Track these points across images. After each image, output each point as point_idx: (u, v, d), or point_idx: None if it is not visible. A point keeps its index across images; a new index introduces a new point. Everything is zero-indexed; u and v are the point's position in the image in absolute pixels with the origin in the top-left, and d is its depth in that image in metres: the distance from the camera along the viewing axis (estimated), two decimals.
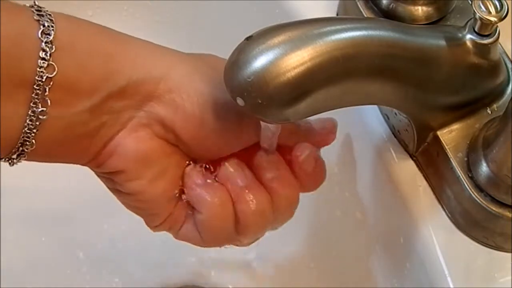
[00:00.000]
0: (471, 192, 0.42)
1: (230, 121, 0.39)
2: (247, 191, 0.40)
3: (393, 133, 0.47)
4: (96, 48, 0.36)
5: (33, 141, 0.36)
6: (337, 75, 0.36)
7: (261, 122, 0.39)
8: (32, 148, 0.36)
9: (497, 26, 0.40)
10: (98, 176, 0.40)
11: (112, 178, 0.39)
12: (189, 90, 0.38)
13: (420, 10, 0.45)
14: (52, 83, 0.35)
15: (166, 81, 0.37)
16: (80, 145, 0.37)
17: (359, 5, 0.47)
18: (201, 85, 0.38)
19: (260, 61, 0.34)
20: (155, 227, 0.42)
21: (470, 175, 0.42)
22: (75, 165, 0.40)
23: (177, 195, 0.40)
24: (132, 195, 0.39)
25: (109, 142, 0.38)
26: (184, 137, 0.38)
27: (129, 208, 0.41)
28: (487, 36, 0.40)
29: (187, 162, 0.40)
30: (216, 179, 0.40)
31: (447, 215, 0.44)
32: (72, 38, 0.36)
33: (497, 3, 0.39)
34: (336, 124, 0.43)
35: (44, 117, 0.35)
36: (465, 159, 0.43)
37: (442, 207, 0.45)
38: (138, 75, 0.37)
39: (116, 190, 0.40)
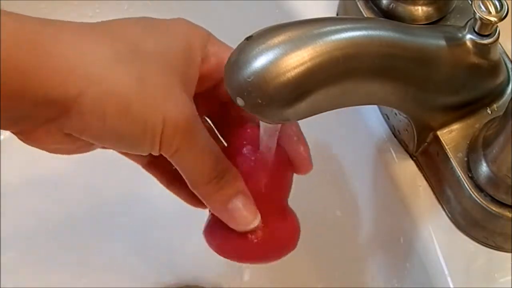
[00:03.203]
0: (471, 192, 0.42)
1: (135, 142, 0.38)
2: None
3: (393, 133, 0.47)
4: (13, 63, 0.34)
5: None
6: (337, 75, 0.36)
7: (261, 122, 0.40)
8: None
9: (497, 26, 0.40)
10: None
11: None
12: (100, 115, 0.36)
13: (420, 10, 0.45)
14: None
15: (79, 104, 0.36)
16: None
17: (359, 5, 0.47)
18: (115, 108, 0.36)
19: (260, 61, 0.34)
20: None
21: (470, 175, 0.42)
22: None
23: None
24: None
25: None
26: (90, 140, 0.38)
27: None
28: (487, 36, 0.40)
29: None
30: None
31: (447, 215, 0.45)
32: None
33: (497, 3, 0.39)
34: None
35: None
36: (465, 159, 0.43)
37: (442, 207, 0.45)
38: (53, 94, 0.35)
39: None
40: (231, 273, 0.62)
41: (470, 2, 0.45)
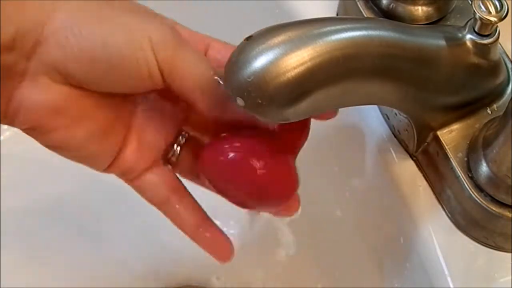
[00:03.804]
0: (471, 192, 0.42)
1: (124, 56, 0.37)
2: None
3: (393, 133, 0.47)
4: None
5: None
6: (337, 75, 0.36)
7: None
8: None
9: (497, 26, 0.40)
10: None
11: (32, 135, 0.38)
12: (74, 29, 0.36)
13: (420, 10, 0.45)
14: None
15: (51, 22, 0.35)
16: None
17: (359, 5, 0.47)
18: (89, 21, 0.36)
19: (260, 61, 0.34)
20: (103, 171, 0.40)
21: (470, 175, 0.42)
22: None
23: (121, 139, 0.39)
24: (56, 147, 0.38)
25: (11, 98, 0.36)
26: (81, 78, 0.37)
27: (68, 158, 0.39)
28: (487, 36, 0.40)
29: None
30: None
31: (447, 215, 0.45)
32: None
33: (497, 3, 0.39)
34: None
35: None
36: (465, 159, 0.43)
37: (442, 207, 0.45)
38: (26, 22, 0.35)
39: (46, 146, 0.38)
40: (231, 273, 0.62)
41: (470, 2, 0.45)
